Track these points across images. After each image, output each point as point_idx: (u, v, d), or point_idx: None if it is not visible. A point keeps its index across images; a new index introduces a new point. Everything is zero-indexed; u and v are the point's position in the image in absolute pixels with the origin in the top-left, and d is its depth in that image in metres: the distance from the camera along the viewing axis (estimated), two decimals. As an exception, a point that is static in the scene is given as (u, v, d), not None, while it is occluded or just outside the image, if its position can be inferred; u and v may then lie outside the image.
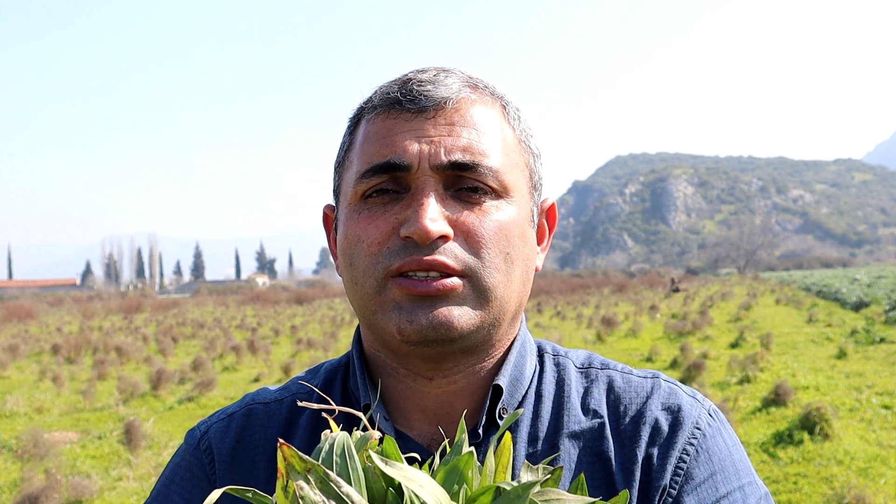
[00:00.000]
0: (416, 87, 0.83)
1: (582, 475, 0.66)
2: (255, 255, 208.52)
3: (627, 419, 0.88)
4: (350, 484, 0.54)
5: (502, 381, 0.86)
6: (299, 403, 0.63)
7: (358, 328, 0.94)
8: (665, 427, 0.86)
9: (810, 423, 6.88)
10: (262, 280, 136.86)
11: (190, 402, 10.50)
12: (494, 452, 0.64)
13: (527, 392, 0.90)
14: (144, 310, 44.70)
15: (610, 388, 0.91)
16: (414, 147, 0.80)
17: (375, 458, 0.55)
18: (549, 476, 0.60)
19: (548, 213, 0.96)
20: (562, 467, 0.63)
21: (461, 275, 0.79)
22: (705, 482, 0.83)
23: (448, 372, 0.86)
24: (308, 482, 0.52)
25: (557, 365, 0.94)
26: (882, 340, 13.60)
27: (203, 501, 0.88)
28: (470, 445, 0.63)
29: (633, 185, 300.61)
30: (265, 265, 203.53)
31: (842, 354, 12.12)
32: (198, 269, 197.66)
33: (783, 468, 6.18)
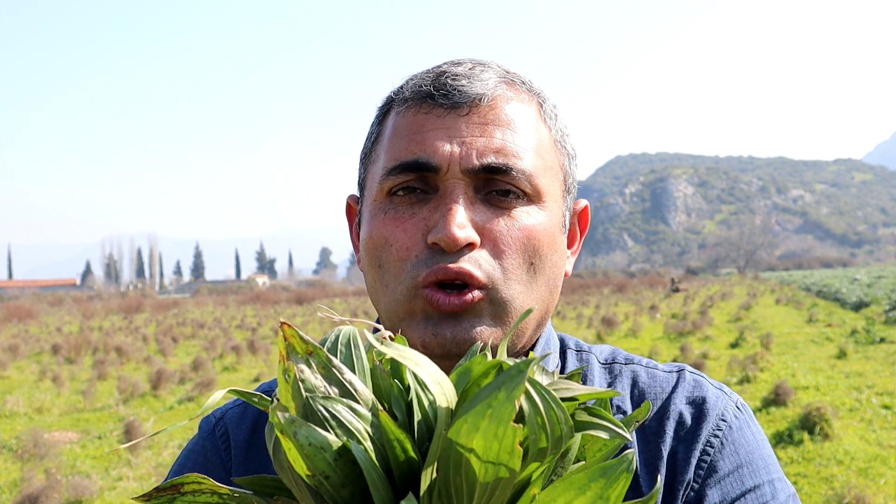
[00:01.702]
0: (450, 82, 0.79)
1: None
2: (255, 255, 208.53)
3: (652, 415, 0.85)
4: (354, 373, 0.50)
5: None
6: (320, 314, 0.59)
7: (378, 321, 0.92)
8: (689, 420, 0.84)
9: (810, 423, 6.88)
10: (262, 280, 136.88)
11: (190, 402, 10.50)
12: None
13: None
14: (144, 310, 44.68)
15: (634, 384, 0.88)
16: (445, 147, 0.77)
17: (370, 338, 0.50)
18: (549, 354, 0.58)
19: (580, 216, 0.92)
20: (579, 371, 0.58)
21: (483, 286, 0.77)
22: (730, 475, 0.80)
23: None
24: (309, 366, 0.48)
25: (581, 360, 0.92)
26: (882, 340, 13.59)
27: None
28: None
29: (633, 185, 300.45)
30: (265, 265, 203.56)
31: (842, 354, 12.11)
32: (198, 269, 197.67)
33: (783, 468, 6.17)
